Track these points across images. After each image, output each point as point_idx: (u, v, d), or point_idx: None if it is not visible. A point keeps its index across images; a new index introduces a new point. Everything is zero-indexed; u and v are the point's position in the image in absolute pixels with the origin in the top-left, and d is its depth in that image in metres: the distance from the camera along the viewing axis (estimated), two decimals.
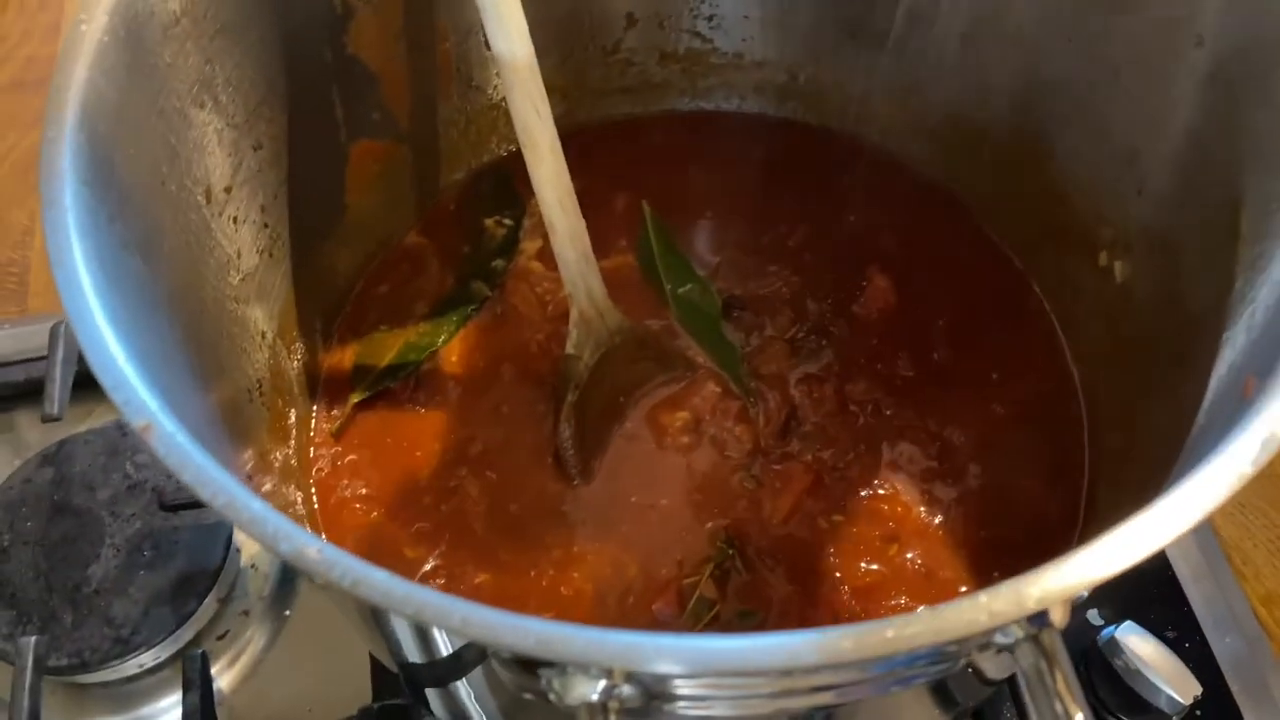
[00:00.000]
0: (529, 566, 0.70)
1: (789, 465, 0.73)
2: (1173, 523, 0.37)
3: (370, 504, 0.74)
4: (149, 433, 0.40)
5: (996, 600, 0.36)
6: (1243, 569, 0.87)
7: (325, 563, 0.37)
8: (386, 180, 0.81)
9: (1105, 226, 0.71)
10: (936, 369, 0.78)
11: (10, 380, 0.94)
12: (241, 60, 0.63)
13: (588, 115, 0.91)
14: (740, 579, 0.70)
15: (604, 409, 0.76)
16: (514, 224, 0.86)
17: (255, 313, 0.68)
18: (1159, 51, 0.62)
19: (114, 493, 0.85)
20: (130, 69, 0.54)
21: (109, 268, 0.47)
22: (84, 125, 0.49)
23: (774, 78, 0.89)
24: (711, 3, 0.85)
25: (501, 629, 0.36)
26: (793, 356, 0.78)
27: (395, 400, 0.78)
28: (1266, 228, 0.52)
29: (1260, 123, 0.53)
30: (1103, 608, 0.83)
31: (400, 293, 0.83)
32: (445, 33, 0.79)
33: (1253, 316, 0.51)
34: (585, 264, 0.73)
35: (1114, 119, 0.68)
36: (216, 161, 0.62)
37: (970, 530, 0.71)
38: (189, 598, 0.81)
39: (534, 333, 0.80)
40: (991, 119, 0.79)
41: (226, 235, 0.64)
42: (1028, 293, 0.81)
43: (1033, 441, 0.75)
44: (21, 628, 0.79)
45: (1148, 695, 0.76)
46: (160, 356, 0.51)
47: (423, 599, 0.37)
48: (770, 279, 0.82)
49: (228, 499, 0.39)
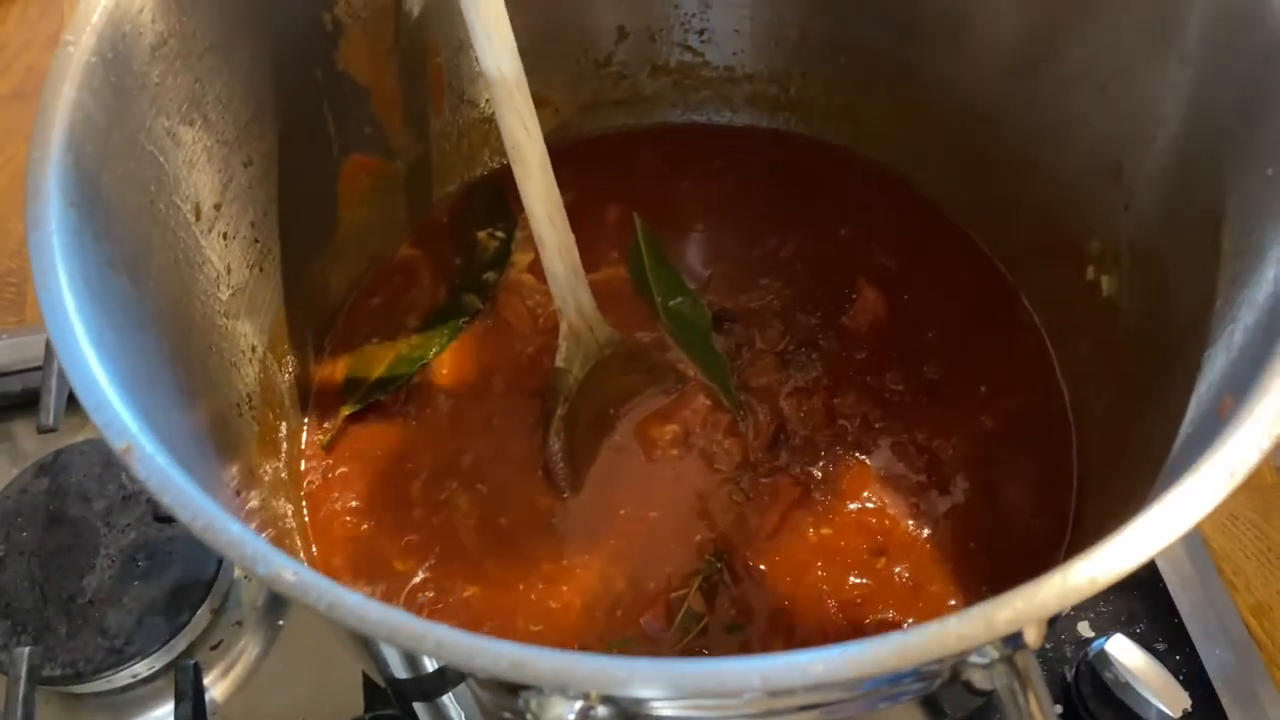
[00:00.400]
0: (518, 579, 0.71)
1: (777, 478, 0.74)
2: (1134, 552, 0.38)
3: (361, 516, 0.74)
4: (129, 454, 0.41)
5: (965, 624, 0.36)
6: (1233, 580, 0.87)
7: (301, 585, 0.38)
8: (378, 194, 0.81)
9: (1093, 240, 0.72)
10: (926, 382, 0.78)
11: (8, 390, 0.94)
12: (231, 78, 0.63)
13: (580, 128, 0.91)
14: (728, 592, 0.70)
15: (594, 422, 0.76)
16: (506, 237, 0.86)
17: (245, 327, 0.69)
18: (1144, 68, 0.62)
19: (109, 503, 0.85)
20: (118, 89, 0.54)
21: (94, 287, 0.48)
22: (71, 146, 0.50)
23: (765, 90, 0.89)
24: (702, 17, 0.85)
25: (475, 653, 0.37)
26: (782, 369, 0.79)
27: (386, 413, 0.78)
28: (1247, 244, 0.52)
29: (1239, 140, 0.54)
30: (1093, 620, 0.83)
31: (392, 305, 0.84)
32: (436, 48, 0.79)
33: (1232, 336, 0.51)
34: (574, 278, 0.73)
35: (1101, 134, 0.68)
36: (206, 179, 0.63)
37: (958, 544, 0.71)
38: (183, 608, 0.81)
39: (525, 345, 0.81)
40: (980, 133, 0.79)
41: (216, 251, 0.65)
42: (1018, 306, 0.81)
43: (1022, 455, 0.75)
44: (16, 638, 0.79)
45: (1137, 708, 0.76)
46: (146, 375, 0.51)
47: (396, 623, 0.37)
48: (761, 292, 0.83)
49: (206, 521, 0.39)
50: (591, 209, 0.86)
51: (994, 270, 0.83)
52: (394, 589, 0.71)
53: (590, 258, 0.83)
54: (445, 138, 0.85)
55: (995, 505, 0.73)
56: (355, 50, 0.73)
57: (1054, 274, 0.77)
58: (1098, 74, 0.66)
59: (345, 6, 0.71)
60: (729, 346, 0.80)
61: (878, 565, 0.71)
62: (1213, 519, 0.90)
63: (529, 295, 0.83)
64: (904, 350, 0.79)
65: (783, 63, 0.87)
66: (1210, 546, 0.88)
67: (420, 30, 0.77)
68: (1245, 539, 0.90)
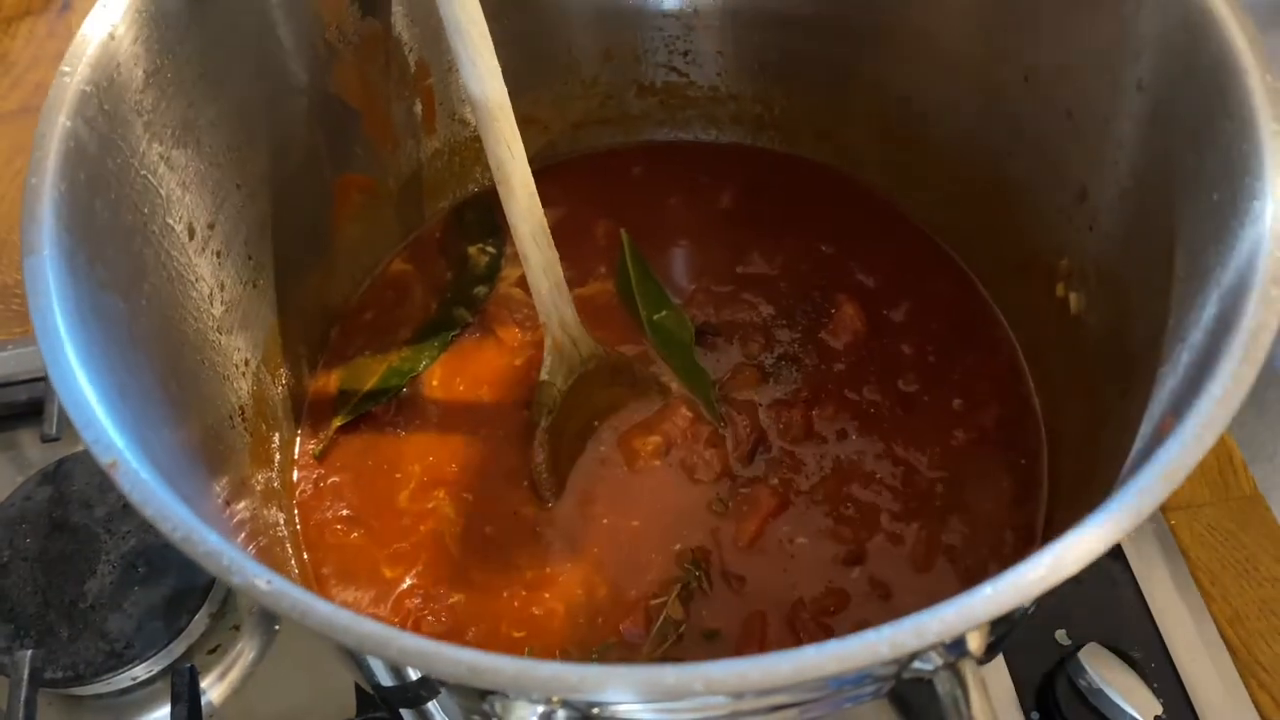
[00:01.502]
0: (502, 587, 0.73)
1: (756, 489, 0.76)
2: (1057, 569, 0.40)
3: (351, 525, 0.76)
4: (114, 469, 0.43)
5: (897, 633, 0.38)
6: (1210, 589, 0.88)
7: (274, 595, 0.40)
8: (371, 212, 0.84)
9: (1063, 259, 0.73)
10: (902, 395, 0.80)
11: (13, 400, 0.96)
12: (224, 104, 0.66)
13: (569, 146, 0.94)
14: (706, 600, 0.72)
15: (578, 433, 0.78)
16: (496, 252, 0.88)
17: (239, 342, 0.71)
18: (1105, 95, 0.64)
19: (110, 510, 0.87)
20: (112, 116, 0.57)
21: (86, 309, 0.50)
22: (65, 174, 0.52)
23: (749, 110, 0.91)
24: (685, 39, 0.87)
25: (436, 659, 0.39)
26: (763, 383, 0.81)
27: (377, 423, 0.80)
28: (1195, 267, 0.54)
29: (1190, 166, 0.55)
30: (1070, 628, 0.84)
31: (385, 319, 0.86)
32: (427, 70, 0.81)
33: (1180, 356, 0.53)
34: (558, 294, 0.75)
35: (1069, 157, 0.70)
36: (199, 200, 0.65)
37: (932, 553, 0.73)
38: (181, 613, 0.83)
39: (512, 358, 0.83)
40: (958, 154, 0.81)
41: (209, 269, 0.67)
42: (994, 322, 0.83)
43: (995, 468, 0.77)
44: (19, 641, 0.82)
45: (1111, 714, 0.77)
46: (137, 390, 0.53)
47: (363, 630, 0.39)
48: (743, 306, 0.85)
49: (185, 533, 0.41)
50: (580, 225, 0.88)
51: (972, 287, 0.85)
52: (382, 595, 0.73)
53: (578, 272, 0.85)
54: (437, 156, 0.88)
55: (968, 516, 0.74)
56: (347, 74, 0.75)
57: (1028, 291, 0.78)
58: (1064, 100, 0.68)
59: (336, 32, 0.73)
60: (711, 360, 0.82)
61: (852, 575, 0.72)
62: (1192, 529, 0.92)
63: (517, 309, 0.85)
64: (882, 364, 0.81)
65: (765, 83, 0.88)
66: (1188, 556, 0.90)
67: (410, 54, 0.79)
68: (1223, 549, 0.91)
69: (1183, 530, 0.91)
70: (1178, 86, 0.57)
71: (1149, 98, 0.60)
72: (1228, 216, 0.50)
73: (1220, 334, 0.47)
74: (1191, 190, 0.55)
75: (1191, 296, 0.53)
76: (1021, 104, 0.73)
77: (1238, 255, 0.48)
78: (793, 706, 0.49)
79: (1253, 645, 0.86)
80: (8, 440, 0.97)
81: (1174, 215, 0.57)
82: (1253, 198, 0.49)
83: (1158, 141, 0.59)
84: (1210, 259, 0.51)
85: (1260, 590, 0.88)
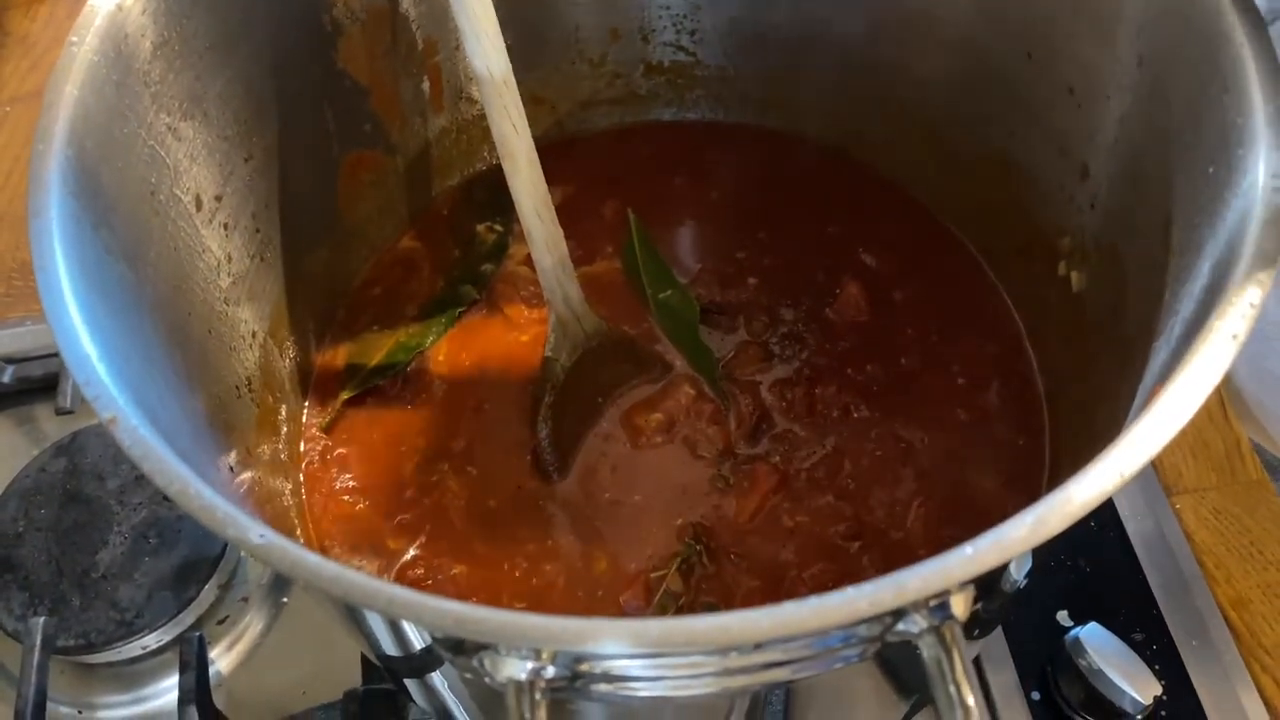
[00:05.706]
0: (504, 559, 0.73)
1: (757, 465, 0.76)
2: (1040, 529, 0.40)
3: (357, 496, 0.77)
4: (114, 425, 0.44)
5: (877, 589, 0.39)
6: (1215, 573, 0.88)
7: (265, 547, 0.41)
8: (379, 189, 0.84)
9: (1064, 237, 0.73)
10: (905, 374, 0.80)
11: (29, 375, 0.98)
12: (231, 77, 0.67)
13: (577, 126, 0.94)
14: (706, 573, 0.72)
15: (582, 409, 0.79)
16: (503, 230, 0.89)
17: (246, 313, 0.72)
18: (1107, 70, 0.64)
19: (122, 483, 0.89)
20: (120, 86, 0.58)
21: (92, 273, 0.51)
22: (72, 141, 0.53)
23: (756, 90, 0.91)
24: (693, 18, 0.88)
25: (422, 609, 0.40)
26: (766, 361, 0.81)
27: (384, 397, 0.81)
28: (1189, 241, 0.54)
29: (1188, 140, 0.55)
30: (1072, 609, 0.85)
31: (393, 295, 0.87)
32: (434, 47, 0.82)
33: (1173, 329, 0.53)
34: (562, 270, 0.76)
35: (1071, 135, 0.70)
36: (207, 172, 0.66)
37: (930, 530, 0.74)
38: (191, 584, 0.85)
39: (518, 334, 0.84)
40: (963, 134, 0.81)
41: (217, 240, 0.68)
42: (998, 301, 0.83)
43: (997, 445, 0.77)
44: (33, 609, 0.83)
45: (1110, 695, 0.77)
46: (143, 355, 0.54)
47: (350, 581, 0.40)
48: (748, 286, 0.85)
49: (180, 486, 0.42)
50: (587, 204, 0.89)
51: (977, 266, 0.85)
52: (386, 566, 0.74)
53: (585, 251, 0.86)
54: (445, 134, 0.88)
55: (968, 493, 0.75)
56: (354, 50, 0.76)
57: (1031, 270, 0.78)
58: (1066, 77, 0.68)
59: (343, 8, 0.74)
60: (716, 339, 0.82)
61: (851, 550, 0.73)
62: (1197, 512, 0.92)
63: (524, 286, 0.86)
64: (886, 343, 0.81)
65: (772, 63, 0.89)
66: (1193, 540, 0.90)
67: (418, 31, 0.80)
68: (1229, 533, 0.91)
69: (1187, 514, 0.91)
70: (1178, 61, 0.57)
71: (1150, 73, 0.60)
72: (1221, 188, 0.51)
73: (1209, 303, 0.47)
74: (1189, 165, 0.56)
75: (1186, 270, 0.54)
76: (1025, 81, 0.73)
77: (1228, 226, 0.49)
78: (783, 665, 0.50)
79: (1256, 629, 0.86)
80: (24, 414, 0.99)
81: (1171, 191, 0.57)
82: (1245, 170, 0.49)
83: (1158, 117, 0.59)
84: (1204, 232, 0.52)
85: (1265, 574, 0.88)
